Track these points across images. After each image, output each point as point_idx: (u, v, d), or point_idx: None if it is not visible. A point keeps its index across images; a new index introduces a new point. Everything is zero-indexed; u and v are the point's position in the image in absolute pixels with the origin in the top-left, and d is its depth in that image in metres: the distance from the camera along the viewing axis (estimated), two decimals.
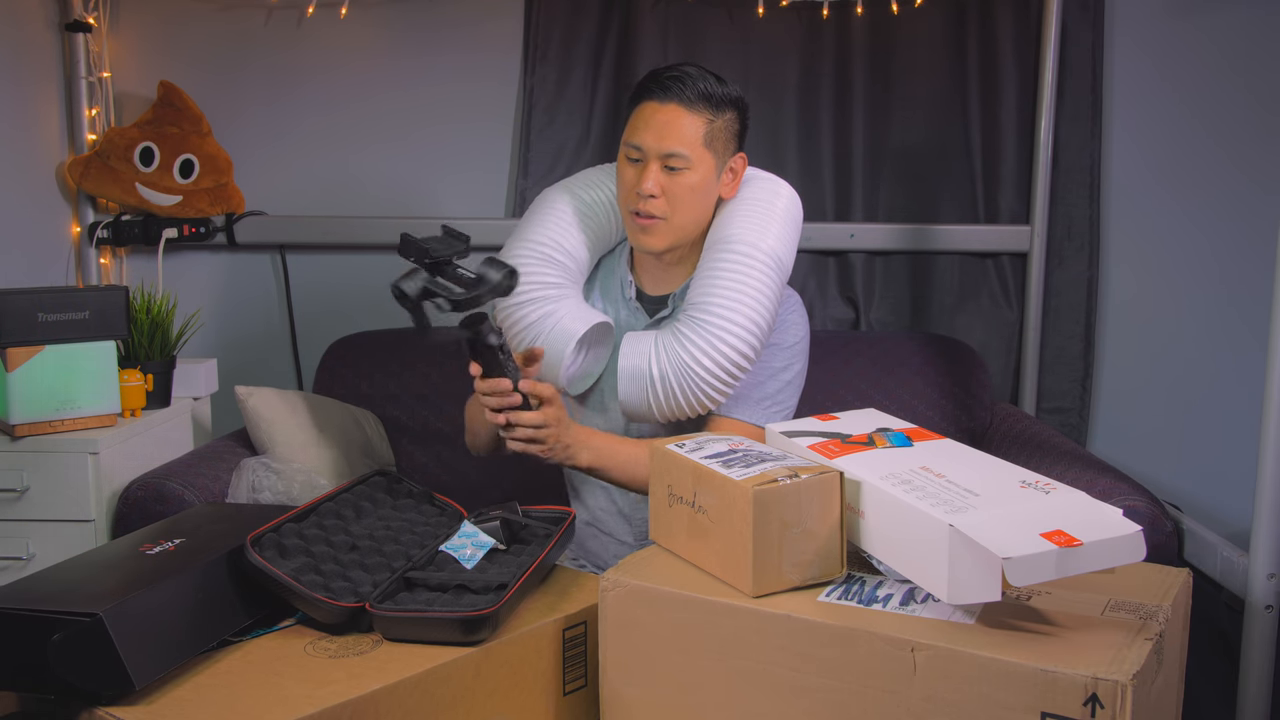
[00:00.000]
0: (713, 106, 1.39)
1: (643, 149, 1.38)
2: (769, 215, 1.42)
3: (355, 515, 1.21)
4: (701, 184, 1.40)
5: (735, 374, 1.38)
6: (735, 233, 1.40)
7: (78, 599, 0.94)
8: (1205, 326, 2.17)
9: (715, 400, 1.39)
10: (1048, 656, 0.84)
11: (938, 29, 2.11)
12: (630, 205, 1.41)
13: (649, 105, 1.39)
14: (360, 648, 1.00)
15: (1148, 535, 0.93)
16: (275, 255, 2.24)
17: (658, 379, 1.36)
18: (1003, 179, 2.13)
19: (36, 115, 2.05)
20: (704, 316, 1.36)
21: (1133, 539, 0.89)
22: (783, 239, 1.42)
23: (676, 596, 0.99)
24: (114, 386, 1.66)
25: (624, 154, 1.41)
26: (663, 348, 1.37)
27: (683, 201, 1.39)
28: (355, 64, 2.20)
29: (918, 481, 0.98)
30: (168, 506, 1.54)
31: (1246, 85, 2.11)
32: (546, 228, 1.46)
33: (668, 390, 1.36)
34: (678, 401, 1.37)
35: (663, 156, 1.37)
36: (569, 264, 1.45)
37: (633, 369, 1.37)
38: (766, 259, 1.38)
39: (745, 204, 1.44)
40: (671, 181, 1.38)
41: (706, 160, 1.39)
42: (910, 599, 0.95)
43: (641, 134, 1.38)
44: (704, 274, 1.40)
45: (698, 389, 1.36)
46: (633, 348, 1.38)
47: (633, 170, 1.40)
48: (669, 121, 1.37)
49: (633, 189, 1.40)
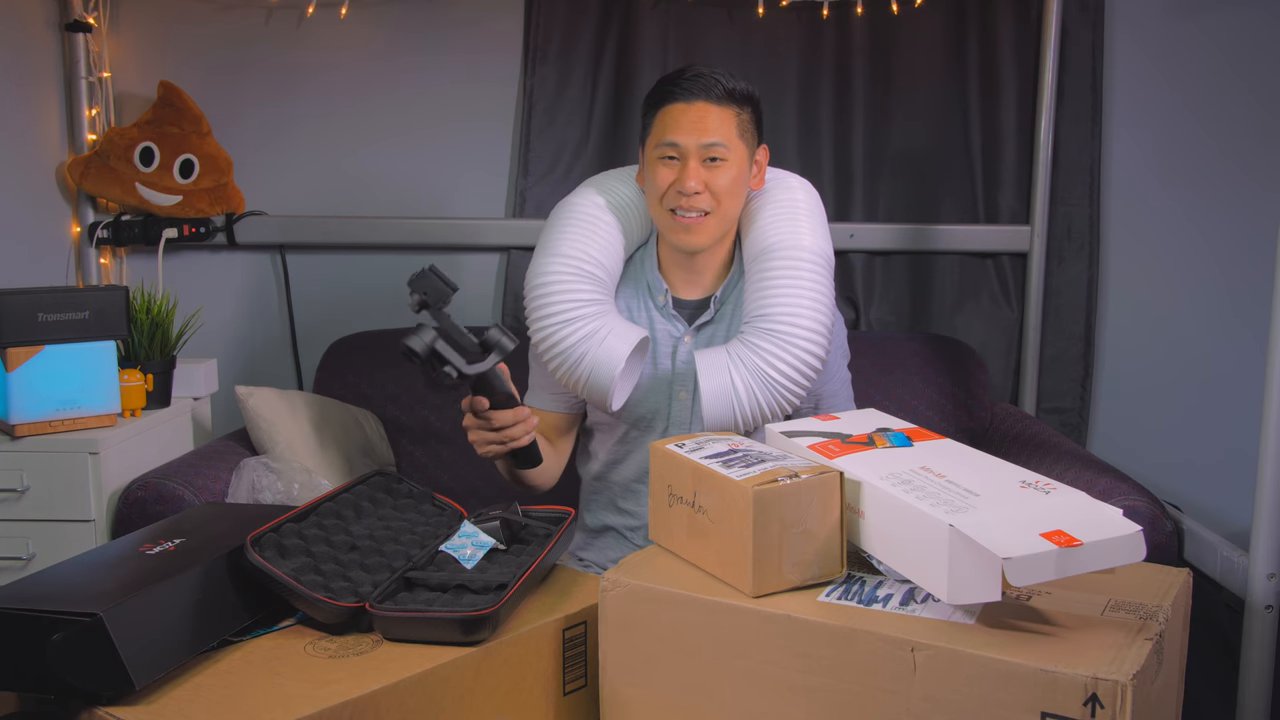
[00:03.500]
0: (737, 100, 1.40)
1: (680, 145, 1.38)
2: (795, 214, 1.44)
3: (355, 515, 1.20)
4: (739, 175, 1.41)
5: (811, 375, 1.39)
6: (773, 238, 1.41)
7: (78, 599, 0.93)
8: (1205, 326, 2.17)
9: (794, 404, 1.40)
10: (1048, 656, 0.83)
11: (938, 29, 2.11)
12: (670, 205, 1.40)
13: (676, 106, 1.39)
14: (360, 648, 1.00)
15: (1148, 535, 0.93)
16: (275, 255, 2.24)
17: (742, 392, 1.35)
18: (1003, 179, 2.13)
19: (36, 115, 2.05)
20: (773, 326, 1.37)
21: (1133, 539, 0.89)
22: (817, 233, 1.44)
23: (676, 596, 0.99)
24: (114, 386, 1.66)
25: (656, 156, 1.41)
26: (740, 361, 1.36)
27: (726, 193, 1.40)
28: (355, 64, 2.20)
29: (918, 481, 0.97)
30: (168, 506, 1.54)
31: (1247, 85, 2.11)
32: (575, 239, 1.43)
33: (753, 401, 1.36)
34: (761, 410, 1.37)
35: (703, 148, 1.38)
36: (602, 275, 1.44)
37: (715, 386, 1.35)
38: (813, 257, 1.40)
39: (769, 208, 1.45)
40: (713, 175, 1.39)
41: (741, 151, 1.41)
42: (910, 599, 0.95)
43: (675, 131, 1.38)
44: (757, 282, 1.40)
45: (781, 396, 1.37)
46: (710, 364, 1.37)
47: (669, 170, 1.40)
48: (702, 117, 1.38)
49: (672, 188, 1.39)
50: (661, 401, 1.49)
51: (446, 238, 2.20)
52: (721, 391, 1.35)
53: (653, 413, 1.49)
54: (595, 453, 1.56)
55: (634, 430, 1.51)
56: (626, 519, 1.55)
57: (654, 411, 1.49)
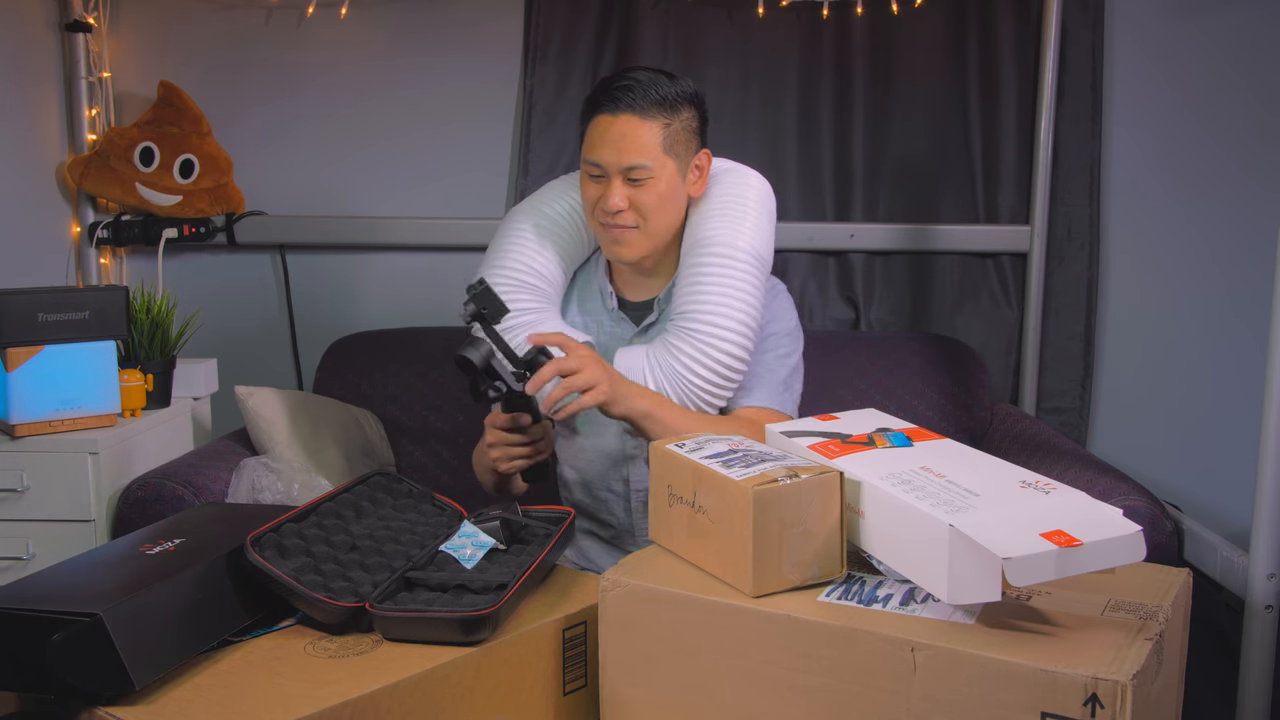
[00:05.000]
0: (667, 109, 1.37)
1: (602, 165, 1.37)
2: (742, 212, 1.42)
3: (355, 515, 1.20)
4: (668, 190, 1.39)
5: (731, 377, 1.38)
6: (711, 234, 1.39)
7: (78, 599, 0.93)
8: (1205, 326, 2.17)
9: (714, 405, 1.39)
10: (1048, 656, 0.83)
11: (938, 29, 2.11)
12: (599, 219, 1.40)
13: (602, 119, 1.37)
14: (360, 648, 1.00)
15: (1148, 535, 0.93)
16: (275, 255, 2.24)
17: (654, 392, 1.36)
18: (1003, 179, 2.13)
19: (36, 115, 2.05)
20: (691, 325, 1.36)
21: (1133, 539, 0.89)
22: (759, 233, 1.41)
23: (676, 596, 0.99)
24: (114, 386, 1.66)
25: (585, 171, 1.40)
26: (656, 361, 1.37)
27: (651, 210, 1.38)
28: (355, 64, 2.20)
29: (918, 481, 0.97)
30: (167, 506, 1.54)
31: (1247, 85, 2.11)
32: (515, 251, 1.45)
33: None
34: None
35: (624, 170, 1.36)
36: (542, 285, 1.45)
37: None
38: (745, 257, 1.38)
39: (716, 202, 1.43)
40: (637, 193, 1.37)
41: (668, 166, 1.38)
42: (910, 599, 0.95)
43: (599, 150, 1.37)
44: (686, 280, 1.39)
45: (695, 396, 1.37)
46: (625, 364, 1.37)
47: (596, 187, 1.39)
48: (625, 134, 1.35)
49: (599, 206, 1.39)
50: (583, 415, 1.47)
51: (446, 238, 2.20)
52: None
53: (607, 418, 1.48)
54: (561, 470, 1.56)
55: (585, 435, 1.49)
56: (603, 529, 1.54)
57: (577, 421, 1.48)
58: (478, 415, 2.01)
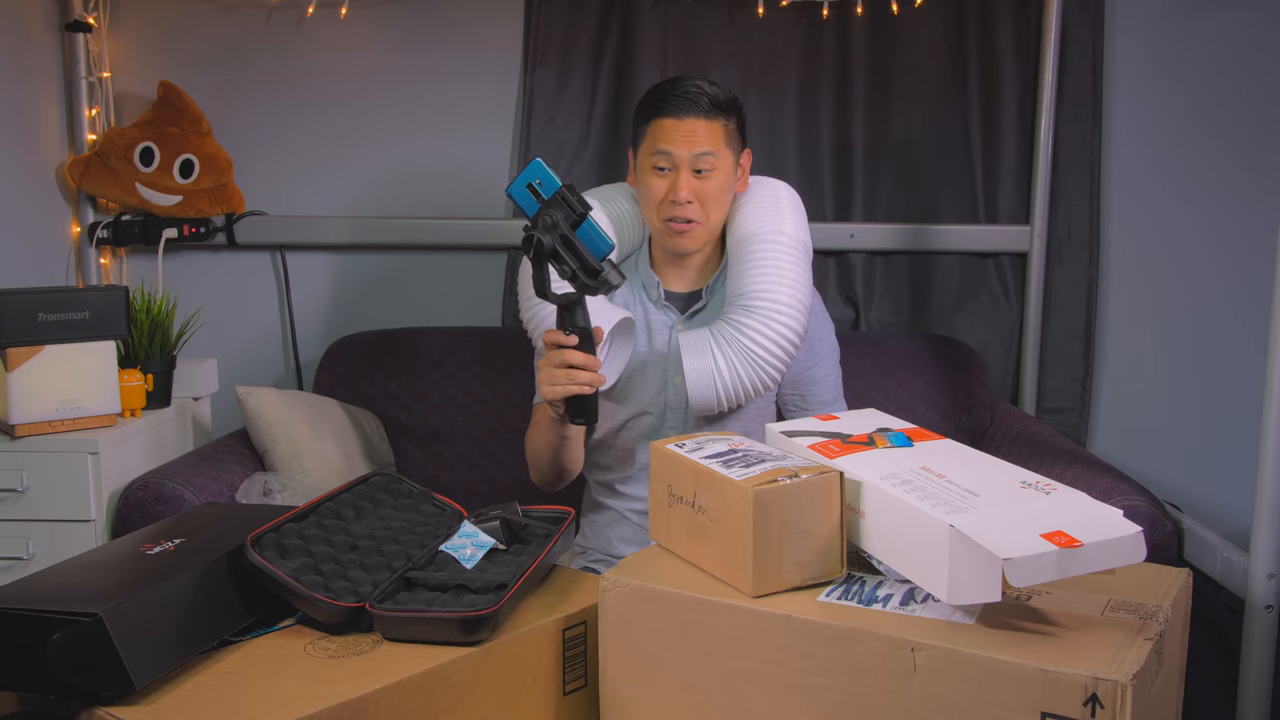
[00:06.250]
0: (724, 111, 1.47)
1: (673, 155, 1.45)
2: (777, 206, 1.52)
3: (355, 515, 1.20)
4: (726, 183, 1.49)
5: (790, 350, 1.45)
6: (755, 226, 1.49)
7: (78, 599, 0.93)
8: (1205, 326, 2.17)
9: (775, 380, 1.46)
10: (1048, 656, 0.83)
11: (938, 29, 2.11)
12: (665, 214, 1.48)
13: (666, 121, 1.45)
14: (360, 648, 1.00)
15: (1148, 535, 0.93)
16: (275, 255, 2.24)
17: (724, 366, 1.41)
18: (1003, 179, 2.13)
19: (36, 115, 2.05)
20: (753, 302, 1.43)
21: (1133, 539, 0.89)
22: (797, 224, 1.52)
23: (677, 596, 0.99)
24: (114, 386, 1.66)
25: (648, 166, 1.48)
26: (722, 337, 1.43)
27: (713, 201, 1.48)
28: (355, 64, 2.20)
29: (918, 482, 0.97)
30: (168, 506, 1.54)
31: (1247, 85, 2.11)
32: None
33: (734, 375, 1.42)
34: (743, 385, 1.43)
35: (694, 159, 1.45)
36: None
37: (699, 364, 1.41)
38: (792, 242, 1.48)
39: (753, 202, 1.53)
40: (702, 185, 1.46)
41: (727, 159, 1.48)
42: (910, 599, 0.95)
43: (668, 141, 1.45)
44: (739, 266, 1.48)
45: (762, 369, 1.43)
46: (693, 342, 1.43)
47: (662, 180, 1.47)
48: (693, 129, 1.45)
49: (666, 198, 1.47)
50: (656, 385, 1.54)
51: (446, 238, 2.20)
52: (704, 368, 1.41)
53: (650, 397, 1.54)
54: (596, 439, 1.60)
55: (633, 417, 1.55)
56: (627, 502, 1.59)
57: (651, 396, 1.54)
58: (477, 415, 2.02)
